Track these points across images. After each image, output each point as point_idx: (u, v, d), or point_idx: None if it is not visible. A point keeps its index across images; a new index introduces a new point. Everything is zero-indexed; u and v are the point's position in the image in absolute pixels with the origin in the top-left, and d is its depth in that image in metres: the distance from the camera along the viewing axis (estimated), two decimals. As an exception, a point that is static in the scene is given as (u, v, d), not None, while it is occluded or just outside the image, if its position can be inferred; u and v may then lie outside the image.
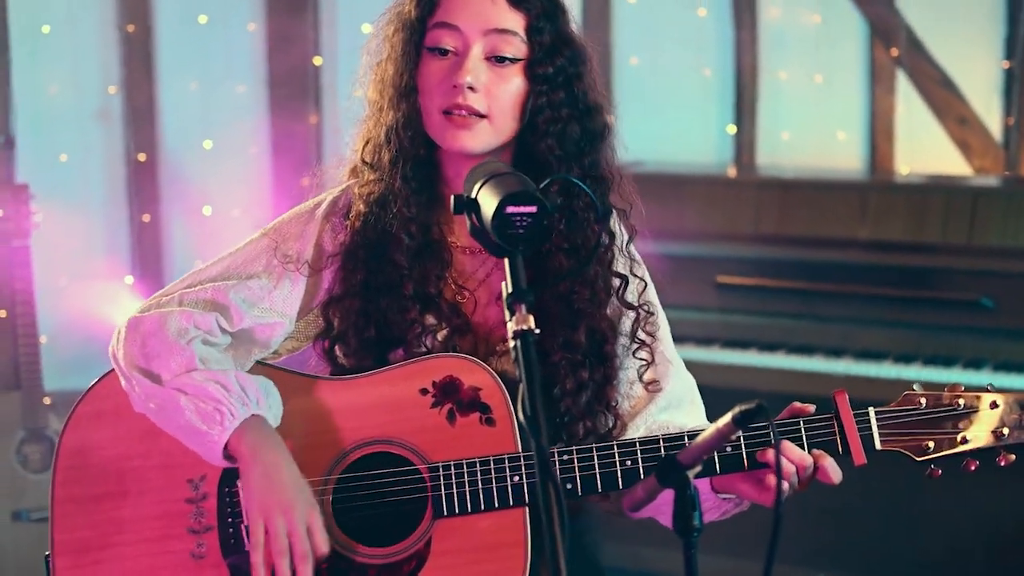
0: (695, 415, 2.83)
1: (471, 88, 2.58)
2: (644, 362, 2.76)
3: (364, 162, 2.72)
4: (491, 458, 2.56)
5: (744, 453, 2.56)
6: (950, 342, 5.15)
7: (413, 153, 2.66)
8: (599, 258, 2.71)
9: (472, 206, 2.20)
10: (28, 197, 5.39)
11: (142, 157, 6.03)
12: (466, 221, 2.21)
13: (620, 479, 2.57)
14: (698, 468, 2.16)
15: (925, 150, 6.14)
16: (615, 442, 2.60)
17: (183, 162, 6.14)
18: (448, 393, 2.60)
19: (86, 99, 6.01)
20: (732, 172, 6.20)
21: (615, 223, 2.78)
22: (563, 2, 2.72)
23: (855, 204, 5.45)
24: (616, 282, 2.75)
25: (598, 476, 2.56)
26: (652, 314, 2.79)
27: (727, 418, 2.08)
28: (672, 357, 2.82)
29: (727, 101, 6.38)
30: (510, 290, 2.10)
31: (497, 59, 2.62)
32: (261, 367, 2.72)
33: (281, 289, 2.71)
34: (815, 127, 6.32)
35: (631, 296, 2.76)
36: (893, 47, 6.06)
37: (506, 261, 2.13)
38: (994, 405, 2.60)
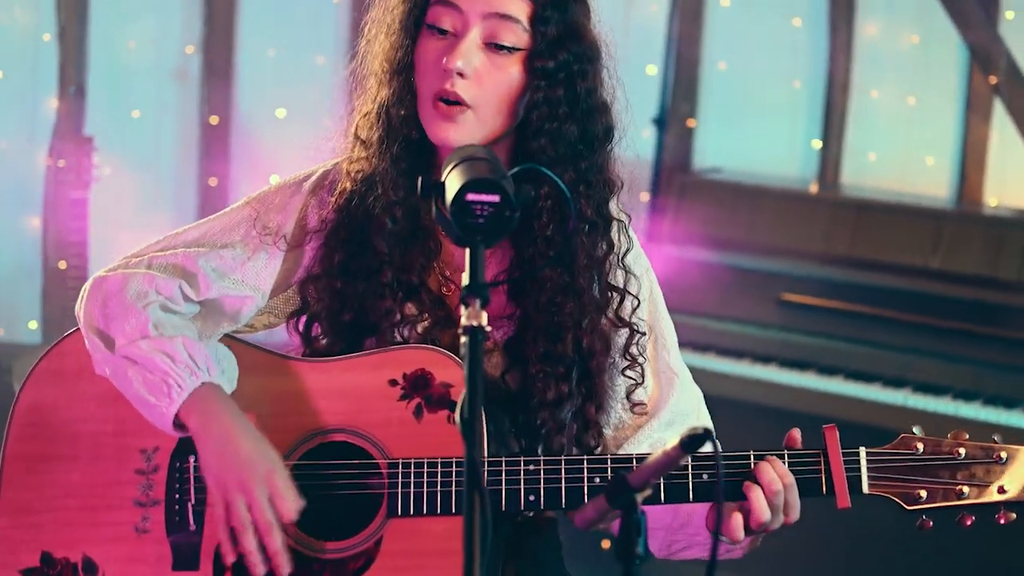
0: None
1: (460, 74, 2.42)
2: (633, 381, 2.61)
3: (356, 137, 2.57)
4: (453, 460, 2.42)
5: (720, 482, 2.40)
6: (1014, 382, 4.97)
7: (404, 134, 2.50)
8: (591, 270, 2.55)
9: (438, 190, 2.05)
10: (91, 149, 5.35)
11: (214, 120, 5.97)
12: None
13: (586, 496, 2.41)
14: (647, 492, 2.01)
15: (1017, 183, 5.92)
16: (585, 457, 2.45)
17: (255, 128, 6.06)
18: (418, 387, 2.46)
19: (164, 57, 5.96)
20: (814, 188, 6.02)
21: (615, 234, 2.59)
22: None
23: (931, 232, 5.28)
24: (612, 296, 2.59)
25: (563, 490, 2.42)
26: (644, 334, 2.61)
27: (675, 441, 1.94)
28: (679, 370, 2.66)
29: (815, 115, 6.20)
30: (467, 283, 1.95)
31: (495, 46, 2.44)
32: (230, 341, 2.60)
33: (255, 261, 2.57)
34: (904, 150, 6.13)
35: (624, 312, 2.60)
36: (992, 74, 5.84)
37: (467, 252, 1.98)
38: (999, 459, 2.40)
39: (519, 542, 2.60)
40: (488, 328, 1.94)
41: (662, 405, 2.63)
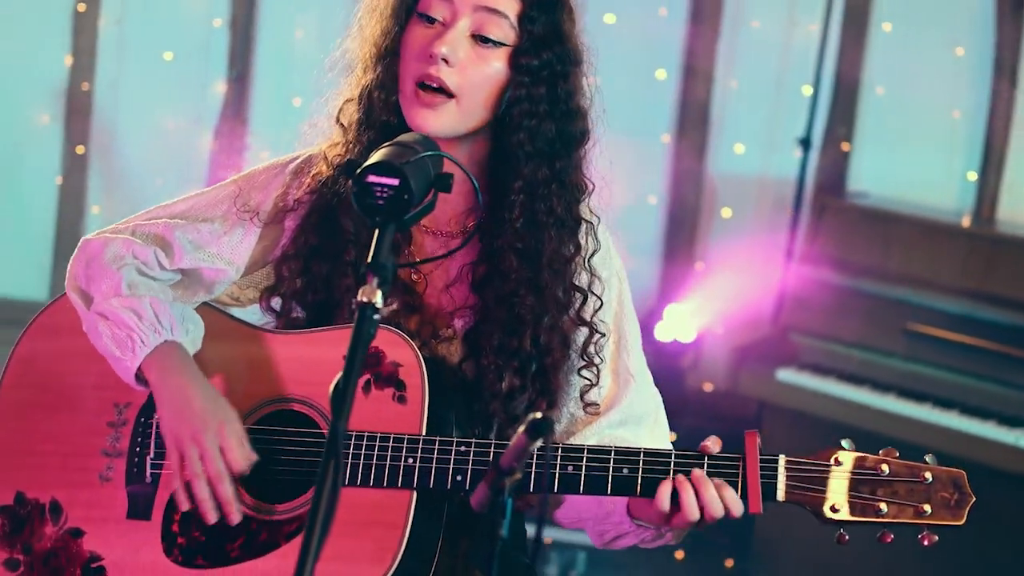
0: (658, 435, 2.70)
1: (445, 60, 2.49)
2: (588, 381, 2.65)
3: (338, 121, 2.65)
4: (391, 435, 2.48)
5: (639, 479, 2.43)
6: None
7: (383, 120, 2.57)
8: (555, 267, 2.60)
9: (352, 170, 2.14)
10: (244, 133, 5.55)
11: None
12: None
13: None
14: (516, 476, 2.05)
15: None
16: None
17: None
18: (370, 364, 2.52)
19: (328, 49, 6.12)
20: (966, 222, 5.90)
21: (583, 235, 2.64)
22: None
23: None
24: (575, 296, 2.63)
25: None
26: (603, 335, 2.65)
27: (521, 428, 1.98)
28: (636, 372, 2.70)
29: (974, 147, 6.05)
30: (369, 259, 2.03)
31: (482, 39, 2.51)
32: (208, 309, 2.71)
33: (231, 236, 2.67)
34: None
35: (586, 313, 2.64)
36: None
37: (376, 231, 2.07)
38: (924, 479, 2.36)
39: (475, 520, 2.64)
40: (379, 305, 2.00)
41: (614, 405, 2.67)
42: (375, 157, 2.14)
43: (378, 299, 2.01)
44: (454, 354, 2.63)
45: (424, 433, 2.48)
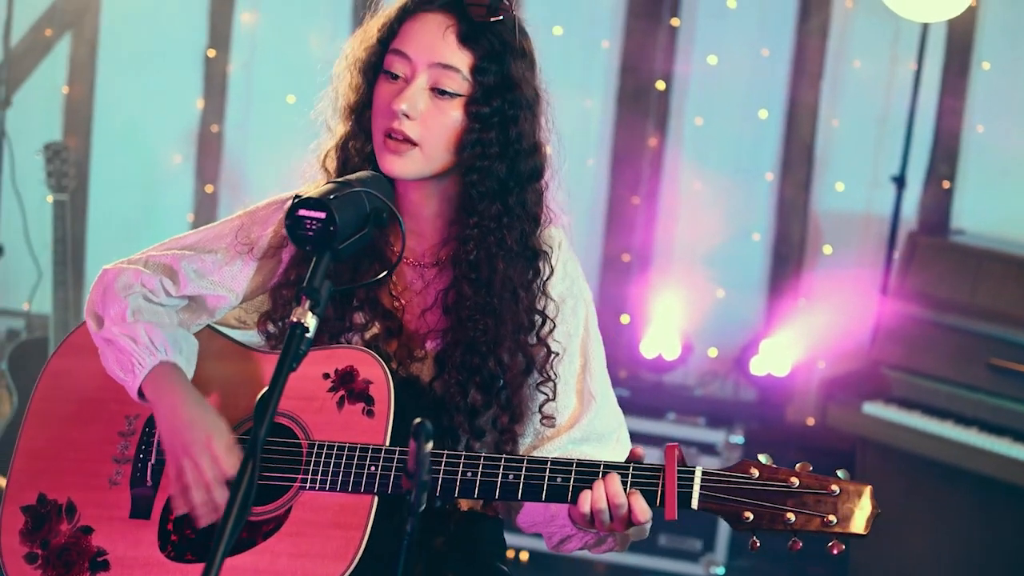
0: (619, 452, 2.87)
1: (406, 115, 2.72)
2: (544, 395, 2.85)
3: (323, 166, 2.90)
4: (358, 446, 2.71)
5: (571, 487, 2.61)
6: None
7: (359, 167, 2.80)
8: (508, 292, 2.80)
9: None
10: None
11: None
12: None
13: (457, 488, 2.66)
14: (423, 477, 2.24)
15: None
16: (463, 454, 2.69)
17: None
18: (344, 381, 2.76)
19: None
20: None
21: (541, 263, 2.85)
22: (522, 46, 2.79)
23: None
24: (536, 319, 2.84)
25: (439, 482, 2.67)
26: (556, 354, 2.85)
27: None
28: (598, 392, 2.89)
29: (1076, 185, 6.08)
30: (303, 284, 2.34)
31: (439, 91, 2.73)
32: (209, 331, 2.98)
33: (232, 267, 2.92)
34: None
35: (543, 333, 2.85)
36: None
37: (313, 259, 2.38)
38: (831, 491, 2.49)
39: (459, 534, 2.88)
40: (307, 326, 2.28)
41: (576, 422, 2.87)
42: (308, 192, 2.41)
43: (308, 320, 2.30)
44: (426, 373, 2.85)
45: (387, 444, 2.70)
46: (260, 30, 6.76)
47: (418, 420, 2.17)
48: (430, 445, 2.20)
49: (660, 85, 6.43)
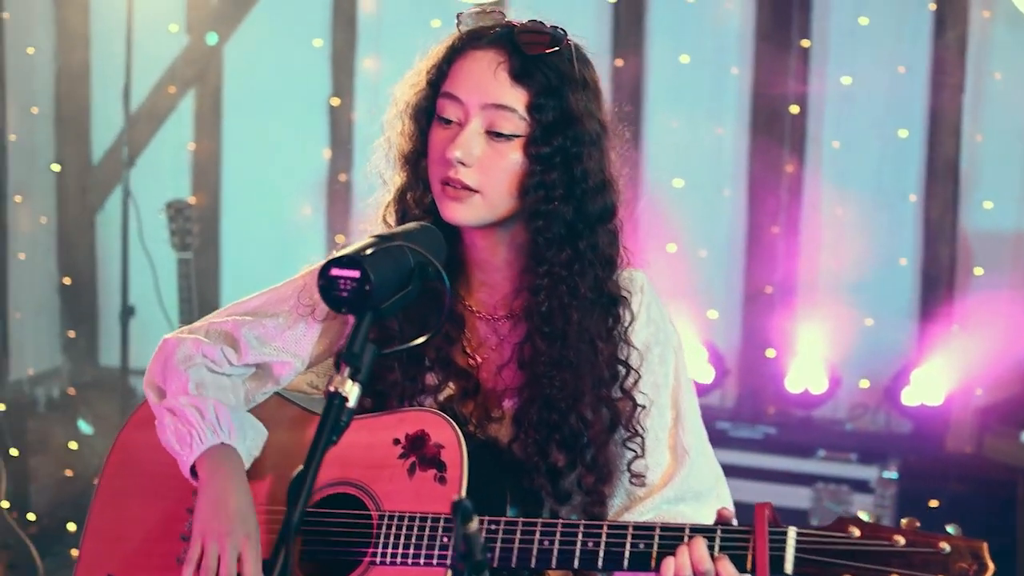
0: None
1: (461, 163, 2.52)
2: (633, 453, 2.64)
3: (384, 220, 2.71)
4: (429, 516, 2.55)
5: (654, 553, 2.42)
6: None
7: (421, 217, 2.62)
8: (585, 344, 2.59)
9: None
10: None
11: (619, 187, 6.22)
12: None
13: (534, 558, 2.48)
14: (476, 558, 2.07)
15: None
16: (540, 520, 2.50)
17: (652, 197, 6.26)
18: (415, 447, 2.59)
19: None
20: None
21: (621, 309, 2.64)
22: (583, 76, 2.58)
23: None
24: (619, 370, 2.63)
25: (514, 552, 2.49)
26: (643, 407, 2.64)
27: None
28: (692, 447, 2.68)
29: None
30: (344, 349, 2.14)
31: (495, 134, 2.53)
32: (276, 397, 2.82)
33: (295, 331, 2.75)
34: None
35: (627, 385, 2.64)
36: None
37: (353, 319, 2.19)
38: (941, 550, 2.27)
39: None
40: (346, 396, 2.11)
41: (670, 481, 2.65)
42: (343, 251, 2.22)
43: (347, 388, 2.10)
44: (504, 434, 2.66)
45: None
46: (383, 75, 6.67)
47: (456, 498, 1.98)
48: (474, 524, 2.01)
49: (794, 109, 6.22)
